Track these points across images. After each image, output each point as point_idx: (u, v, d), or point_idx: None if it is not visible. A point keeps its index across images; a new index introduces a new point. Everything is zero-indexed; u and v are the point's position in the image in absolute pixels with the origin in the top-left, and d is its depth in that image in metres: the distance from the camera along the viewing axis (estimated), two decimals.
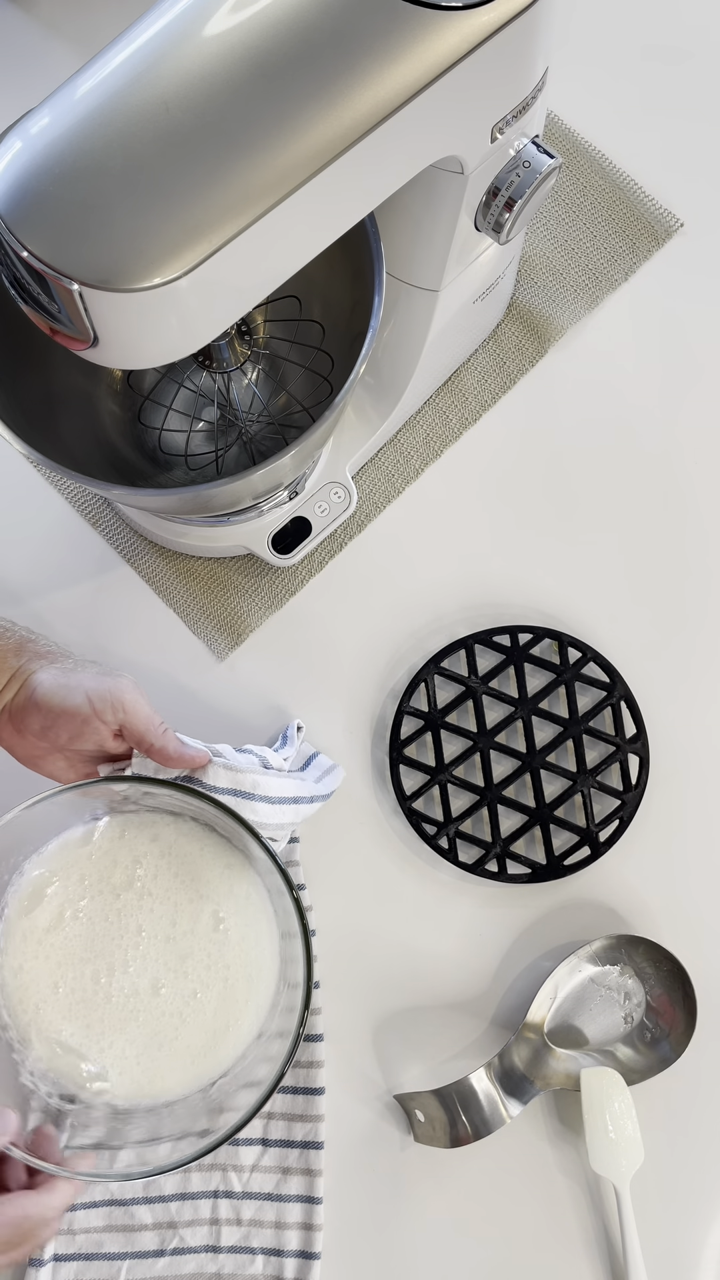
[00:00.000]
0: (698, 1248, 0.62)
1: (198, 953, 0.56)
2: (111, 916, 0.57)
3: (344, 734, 0.67)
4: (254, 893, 0.57)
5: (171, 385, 0.66)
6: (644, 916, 0.65)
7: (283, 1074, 0.52)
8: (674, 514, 0.69)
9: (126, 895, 0.57)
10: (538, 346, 0.71)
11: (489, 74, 0.43)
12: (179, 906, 0.57)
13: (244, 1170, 0.61)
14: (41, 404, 0.58)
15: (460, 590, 0.69)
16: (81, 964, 0.56)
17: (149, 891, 0.57)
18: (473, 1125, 0.60)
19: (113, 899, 0.57)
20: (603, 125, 0.74)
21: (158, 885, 0.57)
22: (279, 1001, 0.57)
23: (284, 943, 0.57)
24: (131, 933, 0.56)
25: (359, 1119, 0.63)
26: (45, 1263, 0.60)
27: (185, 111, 0.39)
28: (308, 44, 0.40)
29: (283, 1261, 0.61)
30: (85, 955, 0.56)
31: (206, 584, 0.69)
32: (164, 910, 0.57)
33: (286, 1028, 0.54)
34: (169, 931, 0.57)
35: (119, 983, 0.56)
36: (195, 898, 0.57)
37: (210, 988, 0.56)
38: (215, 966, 0.57)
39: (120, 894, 0.57)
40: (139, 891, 0.57)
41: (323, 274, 0.52)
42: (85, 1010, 0.56)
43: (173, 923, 0.57)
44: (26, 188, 0.39)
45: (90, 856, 0.57)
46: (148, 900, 0.57)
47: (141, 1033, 0.56)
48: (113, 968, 0.56)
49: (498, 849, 0.65)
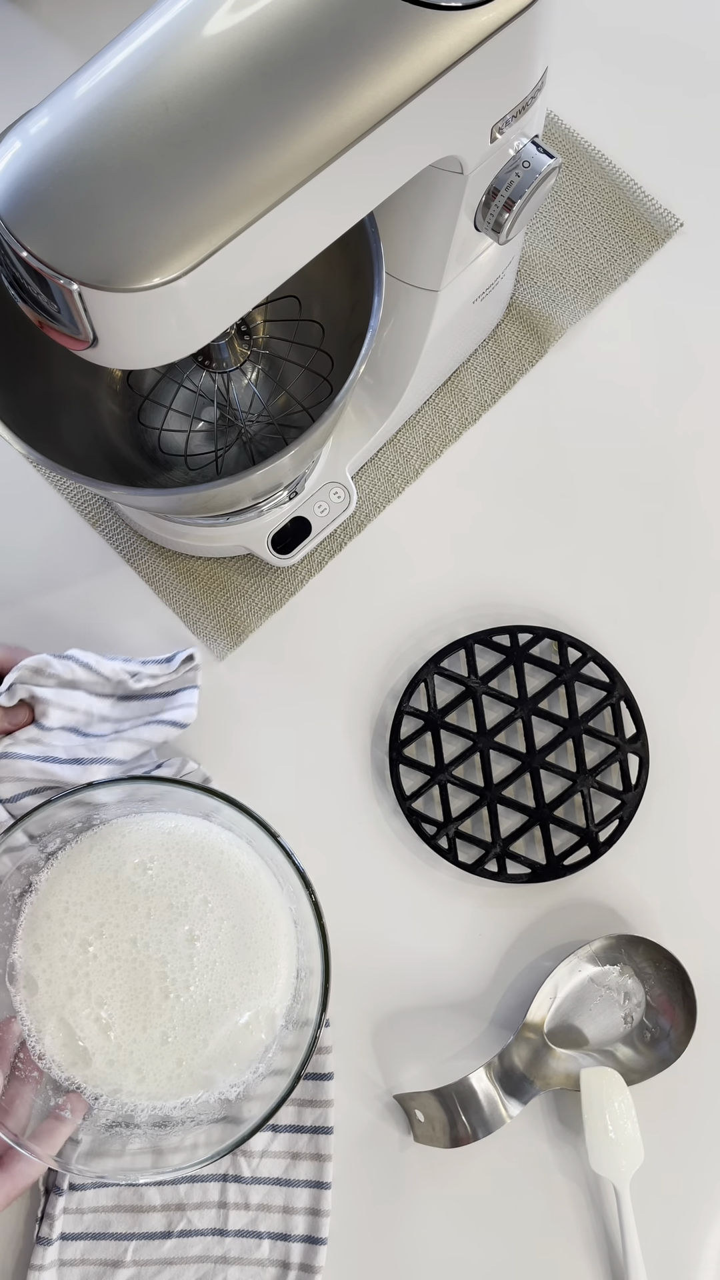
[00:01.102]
0: (698, 1248, 0.62)
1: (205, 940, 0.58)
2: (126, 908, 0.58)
3: (344, 734, 0.67)
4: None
5: (171, 385, 0.66)
6: (644, 916, 0.65)
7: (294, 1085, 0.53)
8: (674, 513, 0.69)
9: (137, 881, 0.58)
10: (537, 346, 0.71)
11: (489, 74, 0.43)
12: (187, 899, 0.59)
13: (253, 1156, 0.61)
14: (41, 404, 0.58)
15: (460, 590, 0.69)
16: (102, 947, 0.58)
17: (154, 887, 0.58)
18: (472, 1125, 0.60)
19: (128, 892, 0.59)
20: (603, 125, 0.74)
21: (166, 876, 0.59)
22: (294, 996, 0.58)
23: (299, 930, 0.58)
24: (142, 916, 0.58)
25: (359, 1119, 0.63)
26: (52, 1241, 0.60)
27: (185, 111, 0.39)
28: (307, 44, 0.40)
29: (289, 1246, 0.61)
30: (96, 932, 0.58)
31: (206, 584, 0.69)
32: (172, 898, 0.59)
33: (307, 1017, 0.55)
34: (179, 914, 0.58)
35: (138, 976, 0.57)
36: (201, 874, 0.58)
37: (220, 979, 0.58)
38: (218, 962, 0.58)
39: (125, 888, 0.58)
40: (145, 889, 0.58)
41: (322, 274, 0.52)
42: (103, 998, 0.57)
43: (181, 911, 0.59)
44: (26, 188, 0.39)
45: (92, 849, 0.59)
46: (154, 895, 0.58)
47: (153, 1031, 0.57)
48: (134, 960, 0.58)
49: (497, 849, 0.65)
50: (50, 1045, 0.57)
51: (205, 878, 0.58)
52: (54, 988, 0.57)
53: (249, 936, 0.58)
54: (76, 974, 0.57)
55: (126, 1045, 0.57)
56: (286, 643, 0.69)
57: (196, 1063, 0.57)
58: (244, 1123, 0.54)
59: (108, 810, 0.60)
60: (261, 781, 0.66)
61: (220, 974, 0.57)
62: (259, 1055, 0.58)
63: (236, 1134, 0.54)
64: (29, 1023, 0.57)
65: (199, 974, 0.57)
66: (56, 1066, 0.57)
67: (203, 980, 0.57)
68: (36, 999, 0.57)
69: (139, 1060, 0.57)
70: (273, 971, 0.58)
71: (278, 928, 0.59)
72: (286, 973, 0.59)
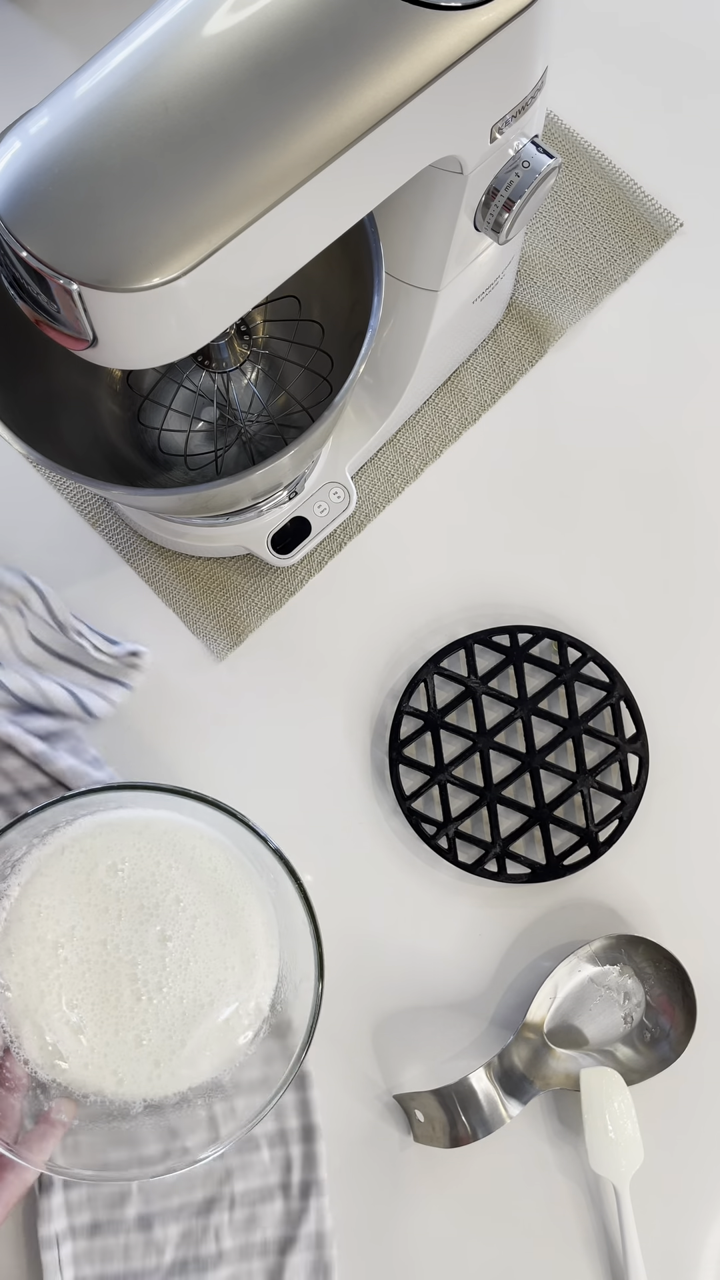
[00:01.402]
0: (698, 1248, 0.62)
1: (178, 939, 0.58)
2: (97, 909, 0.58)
3: (343, 734, 0.67)
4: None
5: (171, 385, 0.66)
6: (644, 916, 0.65)
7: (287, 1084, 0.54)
8: (674, 513, 0.70)
9: (109, 884, 0.58)
10: (537, 346, 0.71)
11: (488, 74, 0.43)
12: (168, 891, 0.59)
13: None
14: (41, 404, 0.58)
15: (460, 590, 0.69)
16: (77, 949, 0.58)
17: (124, 889, 0.58)
18: (472, 1125, 0.60)
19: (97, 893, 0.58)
20: (602, 125, 0.74)
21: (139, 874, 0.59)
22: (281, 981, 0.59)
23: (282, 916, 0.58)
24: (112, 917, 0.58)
25: (358, 1119, 0.63)
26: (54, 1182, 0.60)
27: (185, 111, 0.39)
28: (307, 44, 0.40)
29: (288, 1150, 0.62)
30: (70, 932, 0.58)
31: (206, 584, 0.69)
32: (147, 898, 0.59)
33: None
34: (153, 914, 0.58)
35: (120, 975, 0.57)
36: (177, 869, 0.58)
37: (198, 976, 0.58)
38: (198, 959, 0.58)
39: (93, 885, 0.59)
40: (116, 891, 0.58)
41: (322, 274, 0.52)
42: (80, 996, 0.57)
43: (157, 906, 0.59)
44: (26, 188, 0.39)
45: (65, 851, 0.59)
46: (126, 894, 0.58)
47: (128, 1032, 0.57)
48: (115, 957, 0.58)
49: (497, 849, 0.65)
50: (29, 1049, 0.57)
51: (178, 875, 0.58)
52: (26, 991, 0.57)
53: (225, 933, 0.58)
54: (47, 977, 0.57)
55: (100, 1049, 0.57)
56: (286, 643, 0.69)
57: (176, 1063, 0.57)
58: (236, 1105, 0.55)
59: (77, 809, 0.60)
60: (261, 781, 0.66)
61: (194, 974, 0.57)
62: (244, 1047, 0.58)
63: (234, 1125, 0.54)
64: (8, 1028, 0.57)
65: (171, 975, 0.57)
66: (40, 1070, 0.57)
67: (175, 981, 0.57)
68: (10, 1003, 0.57)
69: (114, 1064, 0.57)
70: (251, 964, 0.58)
71: (254, 918, 0.58)
72: (266, 962, 0.58)
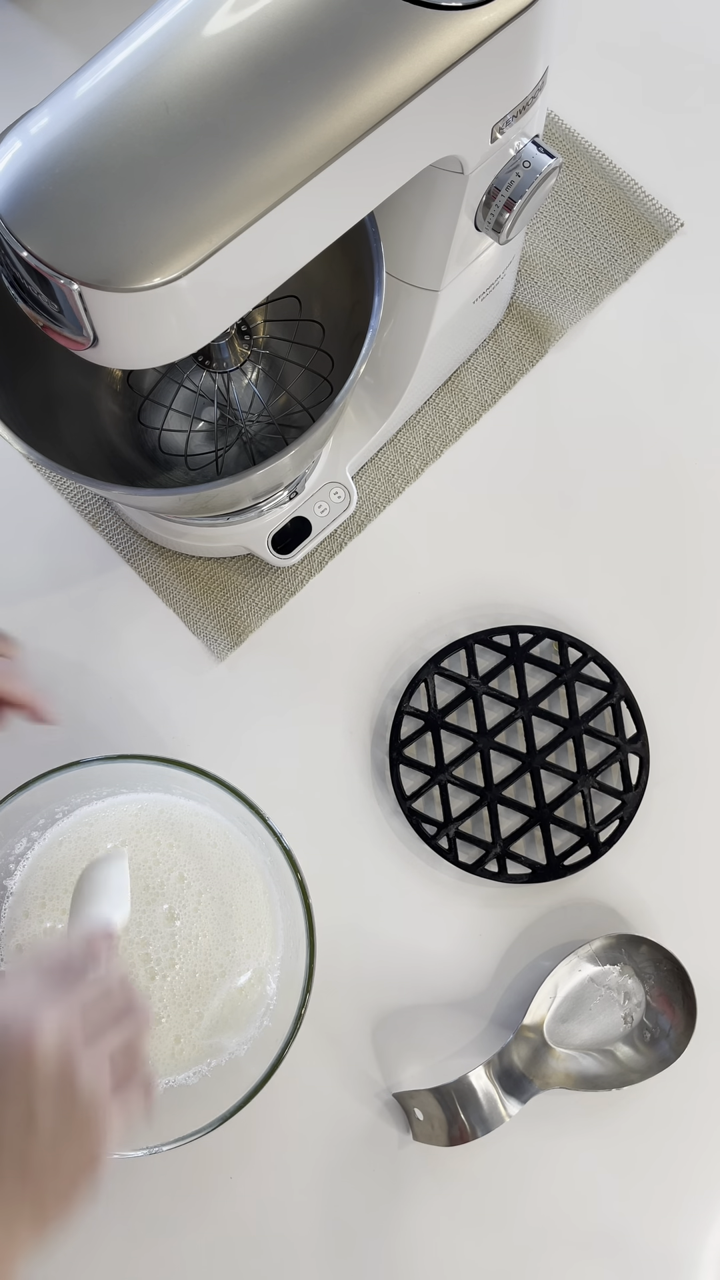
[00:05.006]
0: (698, 1248, 0.62)
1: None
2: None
3: (344, 734, 0.67)
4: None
5: (171, 385, 0.66)
6: (644, 916, 0.65)
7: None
8: (674, 513, 0.70)
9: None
10: (538, 346, 0.71)
11: (489, 74, 0.43)
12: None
13: None
14: (41, 404, 0.58)
15: (460, 590, 0.69)
16: None
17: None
18: (471, 1124, 0.60)
19: None
20: (603, 125, 0.74)
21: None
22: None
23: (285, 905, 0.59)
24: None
25: (358, 1117, 0.63)
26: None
27: (185, 111, 0.39)
28: (307, 44, 0.40)
29: None
30: None
31: (206, 584, 0.69)
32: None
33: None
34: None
35: None
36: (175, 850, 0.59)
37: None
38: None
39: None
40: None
41: (322, 274, 0.52)
42: None
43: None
44: (26, 188, 0.39)
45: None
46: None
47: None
48: None
49: (498, 849, 0.65)
50: None
51: (179, 853, 0.59)
52: None
53: (229, 905, 0.59)
54: None
55: None
56: (287, 643, 0.69)
57: (196, 1035, 0.57)
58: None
59: (69, 801, 0.60)
60: (262, 781, 0.66)
61: (204, 947, 0.58)
62: (262, 1010, 0.59)
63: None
64: None
65: (182, 951, 0.58)
66: None
67: (187, 956, 0.58)
68: None
69: None
70: (258, 932, 0.59)
71: (255, 886, 0.59)
72: (271, 927, 0.59)
